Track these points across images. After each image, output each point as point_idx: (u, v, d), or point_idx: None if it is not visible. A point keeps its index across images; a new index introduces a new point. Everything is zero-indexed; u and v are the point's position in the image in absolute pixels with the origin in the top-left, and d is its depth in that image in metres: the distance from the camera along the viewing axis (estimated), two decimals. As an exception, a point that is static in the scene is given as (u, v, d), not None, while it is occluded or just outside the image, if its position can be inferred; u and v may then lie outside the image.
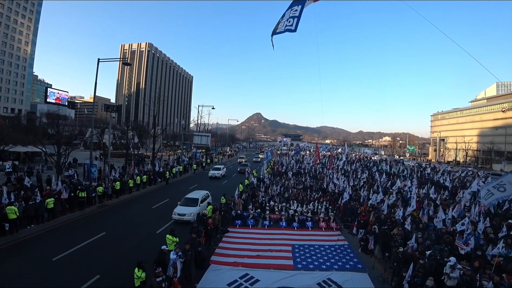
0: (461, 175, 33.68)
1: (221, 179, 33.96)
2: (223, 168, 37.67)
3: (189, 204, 17.65)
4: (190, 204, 17.74)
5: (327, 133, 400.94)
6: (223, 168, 37.46)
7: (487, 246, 10.52)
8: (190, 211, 16.89)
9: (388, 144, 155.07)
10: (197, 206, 17.51)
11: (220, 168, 37.14)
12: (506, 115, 75.70)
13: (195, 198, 18.33)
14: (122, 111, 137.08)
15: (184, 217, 16.59)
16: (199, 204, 17.75)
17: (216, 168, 37.03)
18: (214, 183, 31.58)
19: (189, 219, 16.24)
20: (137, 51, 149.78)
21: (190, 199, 18.27)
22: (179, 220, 16.52)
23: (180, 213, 16.79)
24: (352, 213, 17.29)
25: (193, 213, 16.65)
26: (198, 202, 17.94)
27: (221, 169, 36.75)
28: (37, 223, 14.86)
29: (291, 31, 8.03)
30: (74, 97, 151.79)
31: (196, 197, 18.54)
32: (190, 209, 17.13)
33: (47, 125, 28.74)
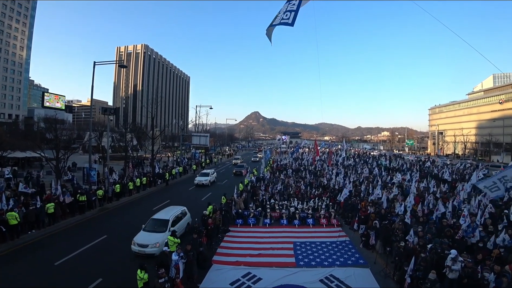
0: (460, 168, 33.80)
1: (218, 181, 33.32)
2: (213, 173, 32.45)
3: (155, 229, 13.01)
4: (157, 228, 13.08)
5: (325, 130, 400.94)
6: (212, 174, 32.16)
7: (489, 237, 10.57)
8: (155, 240, 12.14)
9: (387, 139, 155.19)
10: (166, 231, 12.77)
11: (209, 173, 31.28)
12: (504, 106, 75.98)
13: (164, 220, 13.55)
14: (120, 113, 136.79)
15: (146, 249, 11.85)
16: (169, 228, 12.97)
17: (203, 174, 31.21)
18: (215, 183, 31.57)
19: (153, 252, 11.74)
20: (133, 53, 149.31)
21: (158, 222, 13.56)
22: (140, 253, 11.90)
23: (141, 243, 11.95)
24: (353, 209, 17.33)
25: (159, 243, 11.90)
26: (168, 225, 13.21)
27: (209, 174, 31.08)
28: (38, 228, 14.84)
29: (288, 24, 7.89)
30: (71, 101, 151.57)
31: (165, 217, 13.74)
32: (155, 237, 12.40)
33: (45, 129, 28.64)
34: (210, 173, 31.63)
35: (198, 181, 29.37)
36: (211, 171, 32.88)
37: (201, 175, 30.69)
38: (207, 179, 29.82)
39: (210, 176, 30.67)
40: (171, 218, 13.76)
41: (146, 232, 12.81)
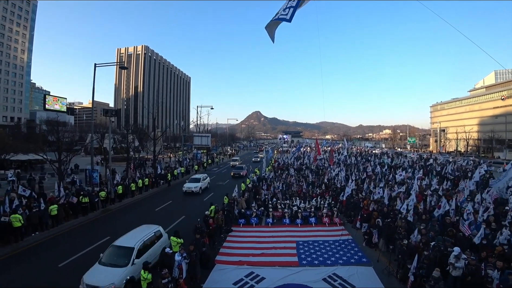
0: (463, 165, 33.65)
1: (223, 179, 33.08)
2: (205, 179, 28.06)
3: (115, 261, 9.70)
4: (117, 260, 9.76)
5: (327, 129, 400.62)
6: (204, 179, 27.73)
7: (493, 235, 10.53)
8: (110, 279, 8.81)
9: (389, 137, 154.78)
10: (128, 264, 9.58)
11: (200, 179, 26.90)
12: (506, 103, 75.56)
13: (127, 249, 10.11)
14: (121, 115, 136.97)
15: None
16: (132, 260, 9.73)
17: (193, 180, 26.71)
18: (217, 183, 31.59)
19: None
20: (134, 55, 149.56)
21: (119, 251, 10.14)
22: None
23: (91, 284, 8.70)
24: (355, 207, 17.30)
25: (115, 284, 8.67)
26: (132, 256, 9.85)
27: (200, 180, 26.67)
28: (42, 230, 14.92)
29: (286, 20, 7.82)
30: (73, 103, 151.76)
31: (129, 245, 10.28)
32: (112, 273, 9.15)
33: (47, 132, 28.75)
34: (202, 178, 27.11)
35: (186, 188, 25.09)
36: (203, 176, 28.15)
37: (191, 181, 26.37)
38: (197, 186, 25.49)
39: (201, 182, 26.32)
40: (137, 245, 10.32)
41: (102, 266, 9.60)
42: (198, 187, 25.56)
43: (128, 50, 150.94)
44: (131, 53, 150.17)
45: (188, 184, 25.64)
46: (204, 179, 27.51)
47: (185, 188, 25.17)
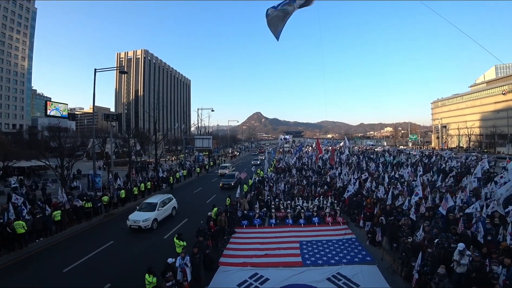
0: (466, 161, 33.55)
1: None
2: (169, 202, 18.98)
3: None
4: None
5: (328, 128, 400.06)
6: (164, 204, 18.26)
7: (496, 230, 10.48)
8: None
9: (390, 135, 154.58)
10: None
11: (156, 204, 17.32)
12: (507, 97, 75.23)
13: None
14: (122, 119, 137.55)
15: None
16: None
17: (146, 206, 17.41)
18: (217, 186, 31.59)
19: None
20: (133, 59, 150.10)
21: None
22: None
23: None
24: (358, 206, 17.27)
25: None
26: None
27: (156, 207, 17.19)
28: (46, 236, 14.97)
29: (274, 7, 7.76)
30: (74, 109, 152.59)
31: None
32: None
33: (49, 138, 28.91)
34: (160, 203, 17.63)
35: (131, 222, 16.03)
36: (163, 198, 18.56)
37: (142, 209, 17.24)
38: (149, 219, 16.12)
39: (157, 211, 16.99)
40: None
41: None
42: (150, 220, 16.15)
43: (127, 55, 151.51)
44: (130, 57, 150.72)
45: (134, 215, 16.44)
46: (164, 203, 18.21)
47: (130, 221, 16.04)
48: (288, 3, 7.47)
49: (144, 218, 16.12)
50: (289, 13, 7.54)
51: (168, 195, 19.89)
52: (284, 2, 7.56)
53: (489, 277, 7.58)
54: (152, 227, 16.29)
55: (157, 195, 20.43)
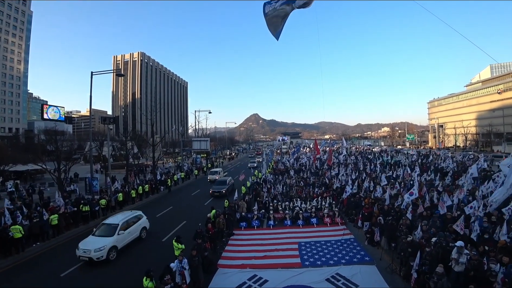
0: (463, 160, 33.73)
1: None
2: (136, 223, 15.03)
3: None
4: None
5: (325, 129, 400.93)
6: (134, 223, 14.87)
7: (493, 228, 10.52)
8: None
9: (387, 135, 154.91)
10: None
11: (116, 227, 13.50)
12: (502, 96, 75.78)
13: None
14: (119, 122, 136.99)
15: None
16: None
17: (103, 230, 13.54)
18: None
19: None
20: (130, 61, 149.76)
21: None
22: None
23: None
24: (356, 206, 17.30)
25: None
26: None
27: (116, 230, 13.37)
28: (43, 241, 14.86)
29: None
30: (71, 112, 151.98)
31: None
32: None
33: (45, 141, 28.78)
34: (122, 224, 13.82)
35: (81, 252, 12.24)
36: (129, 217, 14.84)
37: (98, 233, 13.41)
38: (103, 247, 12.37)
39: (114, 237, 13.07)
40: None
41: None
42: (106, 249, 12.34)
43: (124, 57, 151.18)
44: (127, 60, 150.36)
45: (85, 243, 12.63)
46: (128, 224, 14.27)
47: (79, 251, 12.25)
48: (286, 3, 7.40)
49: (97, 247, 12.11)
50: (288, 13, 7.48)
51: (136, 213, 15.68)
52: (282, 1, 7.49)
53: (487, 275, 7.61)
54: (109, 258, 12.29)
55: (122, 213, 15.88)
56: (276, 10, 7.48)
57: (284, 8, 7.36)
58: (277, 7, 7.40)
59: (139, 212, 16.29)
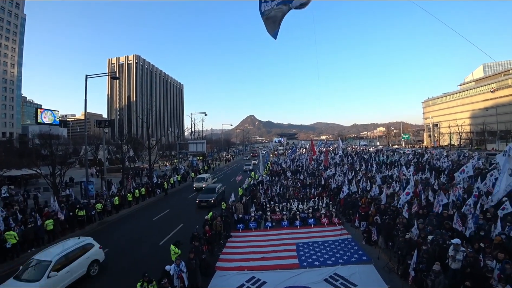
0: (457, 158, 34.00)
1: None
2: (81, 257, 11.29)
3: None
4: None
5: (321, 129, 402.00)
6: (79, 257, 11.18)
7: (489, 225, 10.62)
8: None
9: (383, 135, 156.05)
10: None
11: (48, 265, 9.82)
12: (495, 95, 76.75)
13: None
14: (115, 125, 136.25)
15: None
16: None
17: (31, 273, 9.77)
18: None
19: None
20: (125, 64, 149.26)
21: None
22: None
23: None
24: (353, 206, 17.34)
25: None
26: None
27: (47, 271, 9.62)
28: (38, 246, 14.65)
29: None
30: (66, 116, 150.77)
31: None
32: None
33: (40, 146, 28.49)
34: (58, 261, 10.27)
35: None
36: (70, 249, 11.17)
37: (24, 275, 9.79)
38: None
39: (43, 280, 9.48)
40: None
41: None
42: None
43: (119, 60, 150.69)
44: (122, 63, 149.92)
45: None
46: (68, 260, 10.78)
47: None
48: (283, 3, 7.36)
49: None
50: (285, 13, 7.44)
51: (83, 241, 12.00)
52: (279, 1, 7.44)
53: (484, 272, 7.67)
54: None
55: (63, 243, 11.84)
56: (273, 10, 7.41)
57: (281, 8, 7.32)
58: (274, 7, 7.35)
59: (89, 239, 12.42)
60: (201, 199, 22.84)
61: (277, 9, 7.33)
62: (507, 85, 76.95)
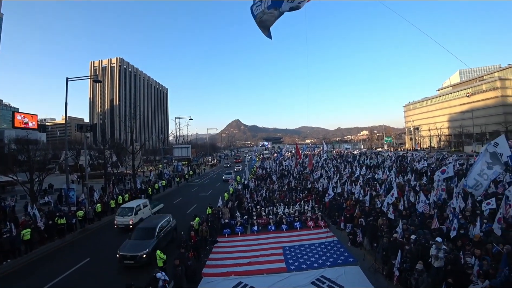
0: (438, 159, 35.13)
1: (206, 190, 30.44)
2: None
3: None
4: None
5: (306, 133, 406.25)
6: None
7: (469, 225, 11.00)
8: None
9: (367, 138, 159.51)
10: None
11: None
12: (471, 99, 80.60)
13: None
14: (97, 129, 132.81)
15: None
16: None
17: None
18: (200, 195, 31.18)
19: None
20: (108, 67, 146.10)
21: None
22: None
23: None
24: (338, 208, 17.57)
25: None
26: None
27: None
28: (14, 257, 13.96)
29: None
30: (45, 120, 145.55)
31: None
32: None
33: (16, 151, 27.29)
34: None
35: None
36: None
37: None
38: None
39: None
40: None
41: None
42: None
43: (102, 63, 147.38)
44: (105, 66, 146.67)
45: None
46: None
47: None
48: (273, 7, 7.47)
49: None
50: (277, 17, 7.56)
51: None
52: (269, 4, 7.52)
53: (464, 269, 7.95)
54: None
55: None
56: (265, 14, 7.54)
57: (273, 13, 7.47)
58: (266, 10, 7.46)
59: None
60: (124, 252, 12.59)
61: (269, 13, 7.45)
62: (482, 90, 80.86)
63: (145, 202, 21.06)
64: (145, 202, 21.18)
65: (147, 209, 20.40)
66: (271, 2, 7.37)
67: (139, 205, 19.75)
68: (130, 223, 18.01)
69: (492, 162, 10.71)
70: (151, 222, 15.37)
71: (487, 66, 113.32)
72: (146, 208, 20.39)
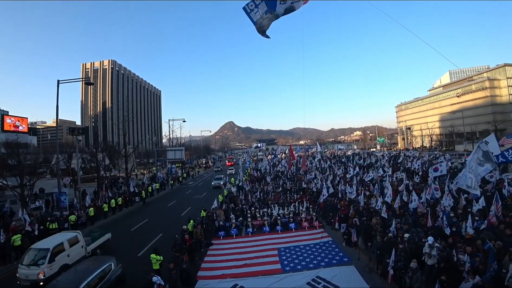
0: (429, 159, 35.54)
1: (200, 192, 30.91)
2: None
3: None
4: None
5: (300, 134, 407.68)
6: None
7: (461, 223, 11.16)
8: None
9: (360, 138, 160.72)
10: None
11: None
12: (461, 99, 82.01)
13: None
14: (89, 132, 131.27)
15: None
16: None
17: None
18: (194, 197, 31.01)
19: None
20: (100, 69, 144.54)
21: None
22: None
23: None
24: (333, 209, 17.64)
25: None
26: None
27: None
28: (4, 264, 13.69)
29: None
30: (35, 123, 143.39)
31: None
32: None
33: (6, 155, 26.76)
34: None
35: None
36: None
37: None
38: None
39: None
40: None
41: None
42: None
43: (94, 65, 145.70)
44: (97, 68, 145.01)
45: None
46: None
47: None
48: (269, 11, 7.68)
49: None
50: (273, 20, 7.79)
51: None
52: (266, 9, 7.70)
53: (457, 266, 8.07)
54: None
55: None
56: (264, 19, 7.76)
57: (269, 17, 7.69)
58: (264, 15, 7.68)
59: None
60: None
61: (266, 18, 7.68)
62: (471, 90, 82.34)
63: (74, 237, 13.21)
64: (74, 236, 13.29)
65: (77, 248, 13.05)
66: (266, 7, 7.56)
67: (61, 244, 12.26)
68: (40, 278, 10.69)
69: (484, 160, 10.93)
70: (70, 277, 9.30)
71: (476, 67, 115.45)
72: (76, 246, 13.03)
